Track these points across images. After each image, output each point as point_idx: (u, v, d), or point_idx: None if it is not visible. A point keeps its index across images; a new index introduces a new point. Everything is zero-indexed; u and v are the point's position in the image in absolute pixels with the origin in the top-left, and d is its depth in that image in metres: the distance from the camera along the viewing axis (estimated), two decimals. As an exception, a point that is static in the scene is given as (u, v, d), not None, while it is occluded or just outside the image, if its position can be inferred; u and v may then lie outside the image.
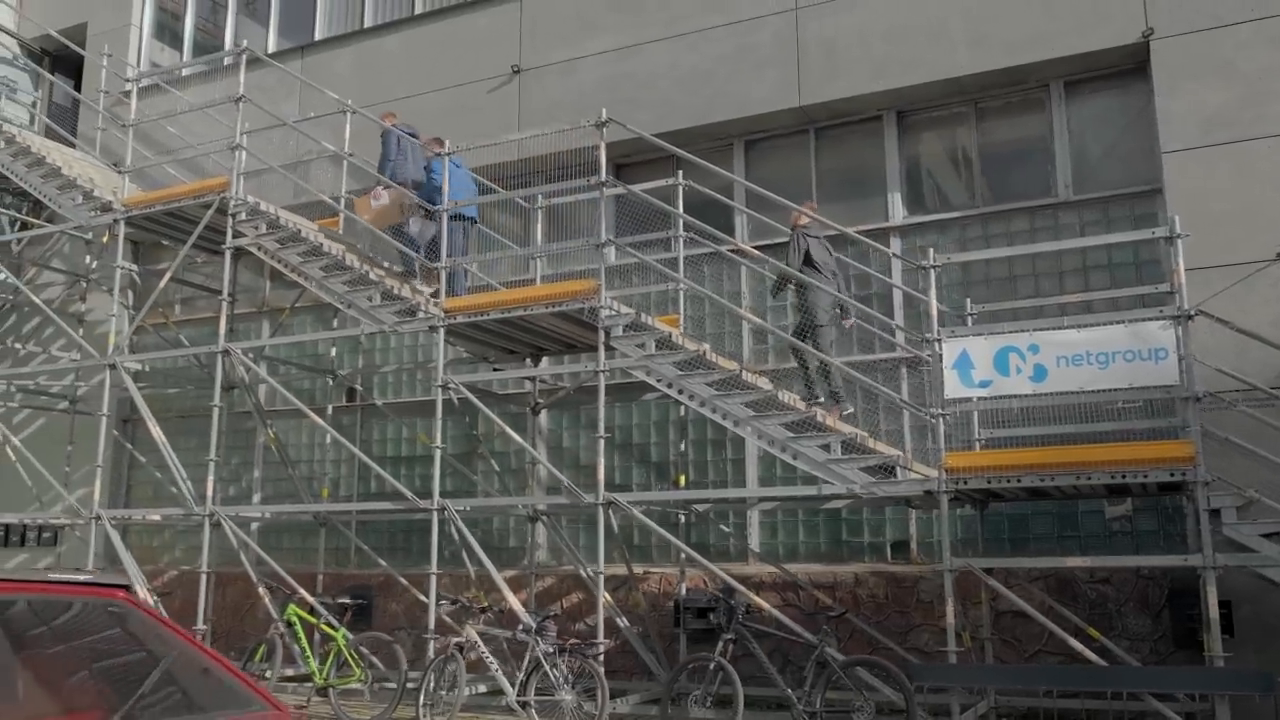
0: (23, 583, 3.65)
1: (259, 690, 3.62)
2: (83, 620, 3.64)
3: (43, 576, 3.74)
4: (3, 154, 12.90)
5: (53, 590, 3.71)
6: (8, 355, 15.12)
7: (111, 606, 3.78)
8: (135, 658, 3.60)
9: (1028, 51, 9.89)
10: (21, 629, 3.47)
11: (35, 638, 3.47)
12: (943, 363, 7.74)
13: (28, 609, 3.55)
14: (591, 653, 8.50)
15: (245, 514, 11.01)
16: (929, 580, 9.74)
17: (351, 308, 10.22)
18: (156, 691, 3.38)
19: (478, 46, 12.59)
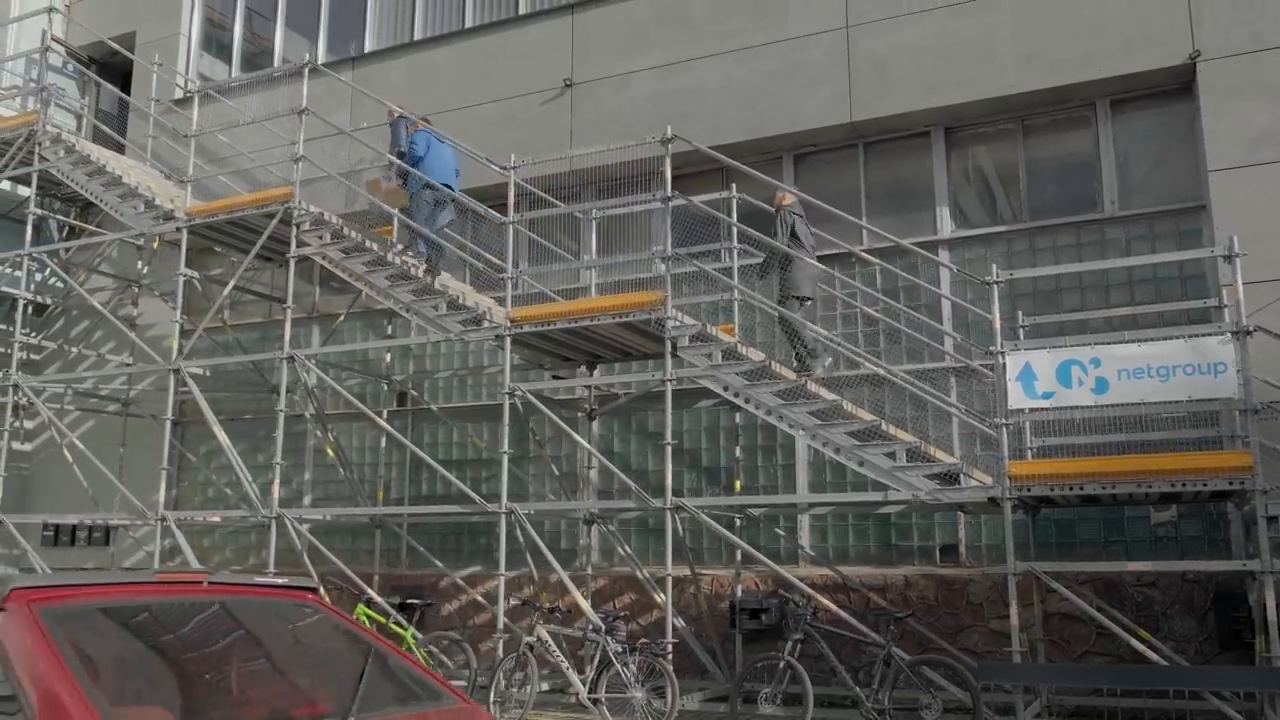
0: (230, 585, 3.97)
1: (448, 686, 3.93)
2: (285, 620, 3.94)
3: (248, 580, 4.04)
4: (62, 162, 13.18)
5: (255, 593, 4.02)
6: (57, 358, 15.40)
7: (305, 608, 4.09)
8: (335, 655, 3.90)
9: (1076, 71, 10.21)
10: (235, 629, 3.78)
11: (248, 637, 3.77)
12: (1006, 375, 8.06)
13: (238, 610, 3.86)
14: (660, 652, 8.81)
15: (309, 516, 11.29)
16: (978, 583, 10.07)
17: (417, 316, 10.53)
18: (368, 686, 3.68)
19: (529, 59, 12.89)
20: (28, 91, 15.55)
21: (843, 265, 10.88)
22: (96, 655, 3.17)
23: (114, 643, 3.32)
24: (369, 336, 13.69)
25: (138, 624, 3.47)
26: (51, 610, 3.24)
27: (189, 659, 3.49)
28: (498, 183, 12.35)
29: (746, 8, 11.77)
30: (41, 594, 3.28)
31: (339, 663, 3.83)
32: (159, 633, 3.52)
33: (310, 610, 4.09)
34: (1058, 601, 9.56)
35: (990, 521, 10.29)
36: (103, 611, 3.39)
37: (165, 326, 14.87)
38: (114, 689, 3.06)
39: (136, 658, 3.32)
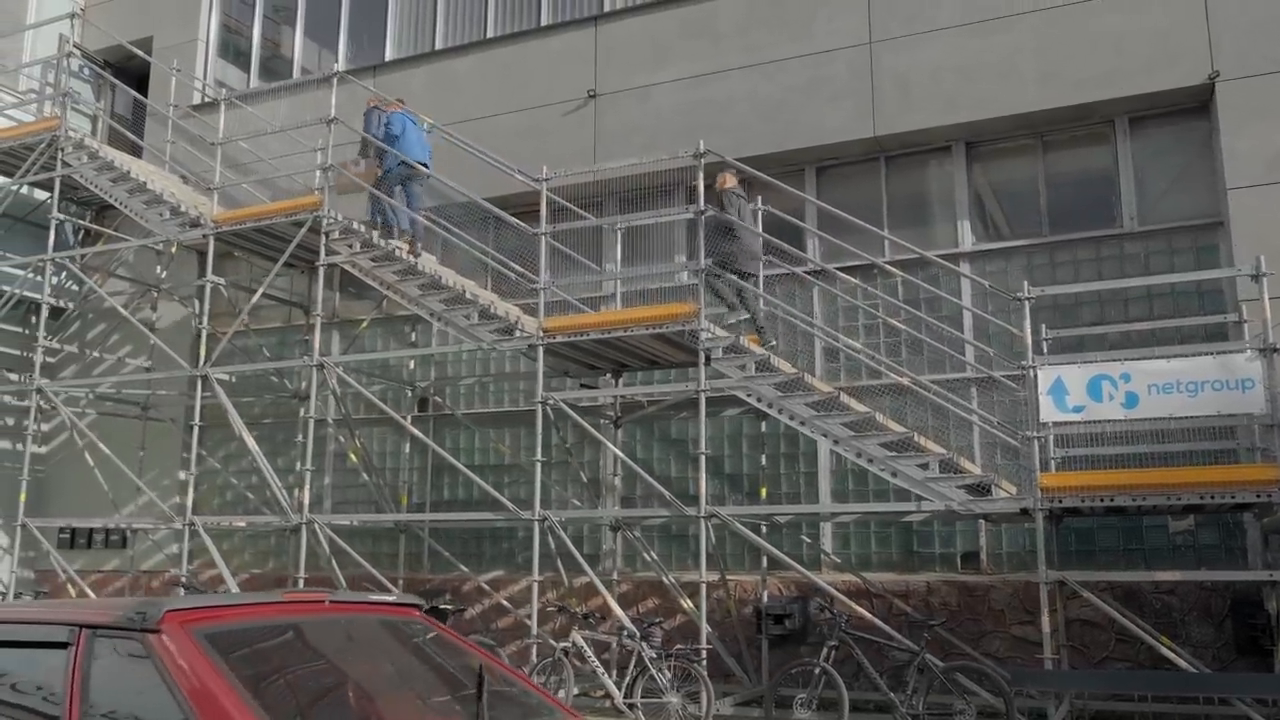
0: (348, 604, 4.12)
1: (556, 701, 4.10)
2: (401, 636, 4.10)
3: (361, 598, 4.20)
4: (85, 167, 13.25)
5: (369, 610, 4.18)
6: (71, 361, 15.45)
7: (414, 624, 4.25)
8: (451, 670, 4.06)
9: (1096, 90, 10.45)
10: (361, 646, 3.94)
11: (374, 653, 3.93)
12: (1038, 389, 8.28)
13: (361, 628, 4.02)
14: (695, 657, 9.00)
15: (337, 521, 11.42)
16: (999, 589, 10.30)
17: (450, 325, 10.67)
18: (489, 702, 3.85)
19: (552, 70, 13.05)
20: (47, 97, 15.61)
21: (864, 276, 11.07)
22: (249, 674, 3.32)
23: (261, 661, 3.48)
24: (390, 342, 13.81)
25: (278, 643, 3.62)
26: (203, 631, 3.39)
27: (328, 676, 3.64)
28: (519, 191, 12.55)
29: (770, 22, 11.96)
30: (192, 615, 3.43)
31: (457, 678, 3.99)
32: (298, 651, 3.67)
33: (419, 626, 4.25)
34: (1078, 608, 9.81)
35: (1010, 529, 10.52)
36: (247, 631, 3.54)
37: (183, 330, 14.98)
38: (271, 706, 3.21)
39: (284, 675, 3.47)
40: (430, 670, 3.98)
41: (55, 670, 3.45)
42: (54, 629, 3.50)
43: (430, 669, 4.00)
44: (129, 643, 3.36)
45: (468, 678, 4.00)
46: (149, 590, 14.39)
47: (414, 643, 4.09)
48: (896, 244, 10.78)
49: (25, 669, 3.61)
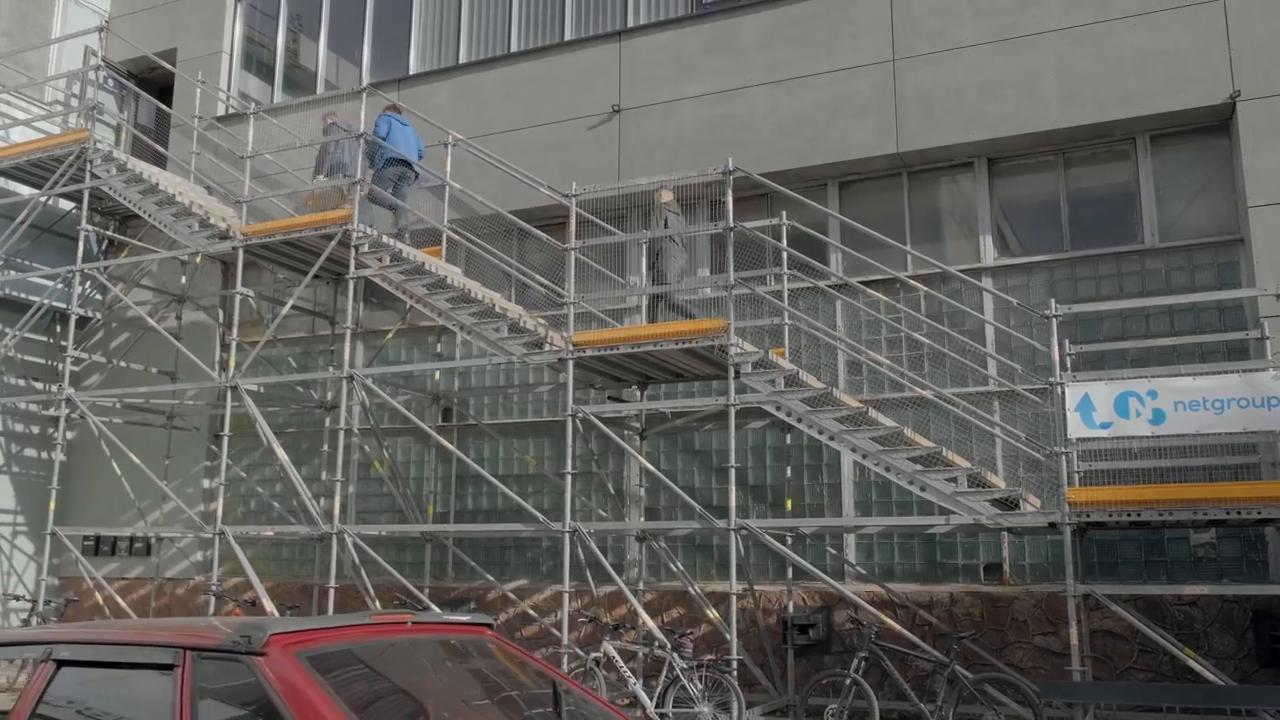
0: (428, 625, 4.27)
1: (625, 717, 4.24)
2: (481, 656, 4.25)
3: (438, 618, 4.35)
4: (114, 179, 13.39)
5: (447, 630, 4.32)
6: (94, 369, 15.58)
7: (489, 643, 4.40)
8: (530, 687, 4.21)
9: (1117, 108, 10.61)
10: (447, 665, 4.09)
11: (460, 672, 4.08)
12: (1065, 405, 8.43)
13: (445, 648, 4.17)
14: (726, 667, 9.14)
15: (366, 532, 11.55)
16: (1022, 600, 10.44)
17: (479, 339, 10.82)
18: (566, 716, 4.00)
19: (576, 85, 13.21)
20: (73, 109, 15.76)
21: (886, 291, 11.22)
22: (350, 694, 3.46)
23: (359, 682, 3.62)
24: (415, 353, 13.96)
25: (370, 663, 3.76)
26: (305, 653, 3.54)
27: (419, 694, 3.79)
28: (543, 205, 12.73)
29: (794, 39, 12.12)
30: (294, 638, 3.57)
31: (536, 696, 4.14)
32: (389, 671, 3.81)
33: (493, 645, 4.40)
34: (1100, 619, 9.96)
35: (1032, 540, 10.67)
36: (342, 653, 3.69)
37: (207, 339, 15.14)
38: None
39: (380, 695, 3.62)
40: (508, 687, 4.12)
41: (162, 692, 3.59)
42: (158, 651, 3.64)
43: (508, 686, 4.14)
44: (234, 665, 3.50)
45: (543, 694, 4.16)
46: (173, 597, 14.53)
47: (490, 660, 4.24)
48: (919, 258, 10.93)
49: (131, 691, 3.75)
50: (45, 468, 15.48)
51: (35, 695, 3.81)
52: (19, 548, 15.19)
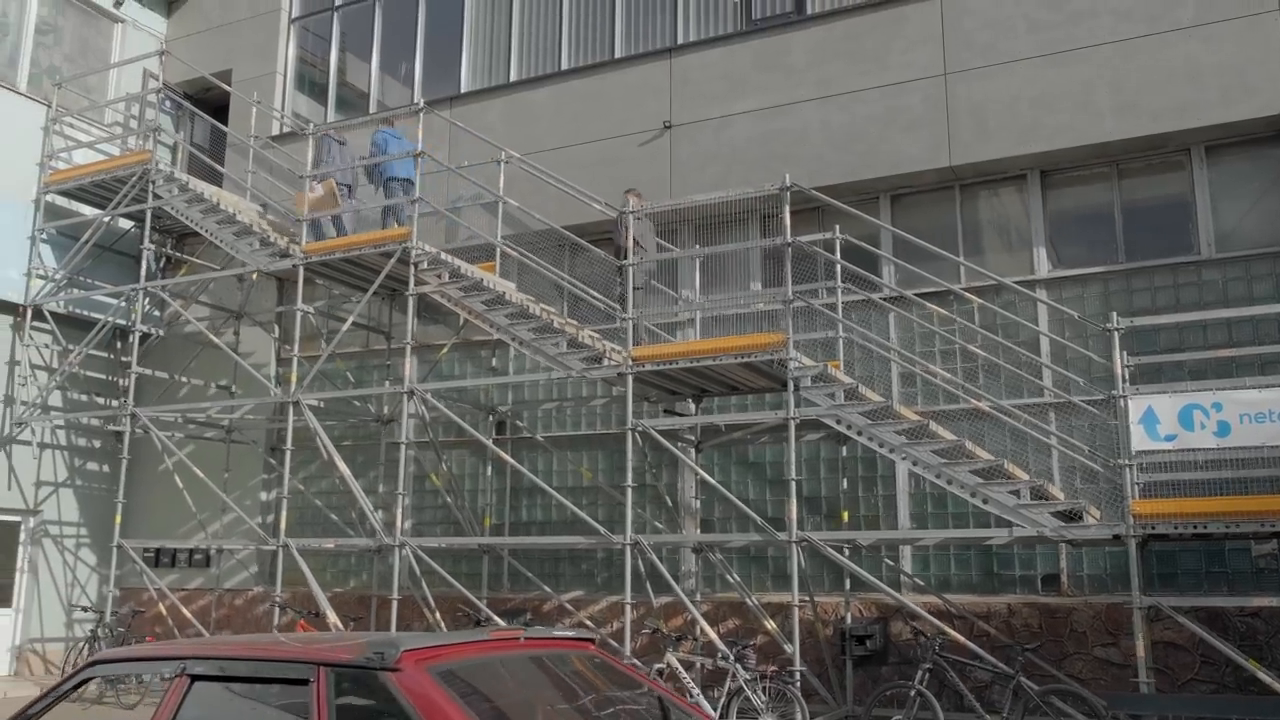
0: (539, 640, 4.42)
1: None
2: (592, 669, 4.39)
3: (547, 633, 4.49)
4: (176, 199, 13.71)
5: (557, 645, 4.47)
6: (152, 384, 15.89)
7: (595, 658, 4.54)
8: (638, 700, 4.35)
9: (1173, 120, 10.64)
10: (565, 679, 4.24)
11: (577, 685, 4.22)
12: (1129, 418, 8.48)
13: (560, 662, 4.32)
14: (790, 679, 9.24)
15: (427, 544, 11.75)
16: (1081, 611, 10.46)
17: (539, 354, 11.00)
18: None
19: (627, 101, 13.38)
20: (132, 131, 16.13)
21: (940, 302, 11.29)
22: (480, 709, 3.61)
23: (485, 696, 3.77)
24: (468, 366, 14.17)
25: (492, 677, 3.92)
26: (435, 668, 3.69)
27: (538, 707, 3.94)
28: (595, 220, 12.90)
29: (844, 55, 12.23)
30: (425, 654, 3.73)
31: (645, 709, 4.28)
32: (509, 685, 3.96)
33: (599, 660, 4.54)
34: (1160, 631, 9.97)
35: (1091, 552, 10.69)
36: (468, 667, 3.84)
37: (263, 355, 15.43)
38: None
39: (505, 708, 3.77)
40: (618, 700, 4.26)
41: (296, 706, 3.76)
42: (294, 666, 3.81)
43: (617, 699, 4.28)
44: (369, 680, 3.66)
45: (652, 707, 4.30)
46: (233, 608, 14.80)
47: (597, 674, 4.38)
48: (972, 270, 11.00)
49: (265, 705, 3.92)
50: (105, 481, 15.83)
51: (171, 710, 3.98)
52: (82, 559, 15.53)
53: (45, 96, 15.39)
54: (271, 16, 16.32)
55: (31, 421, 14.69)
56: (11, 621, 14.77)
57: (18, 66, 15.33)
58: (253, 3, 16.52)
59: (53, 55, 15.87)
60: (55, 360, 15.23)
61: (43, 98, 15.37)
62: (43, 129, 15.26)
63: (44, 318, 14.87)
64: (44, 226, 15.02)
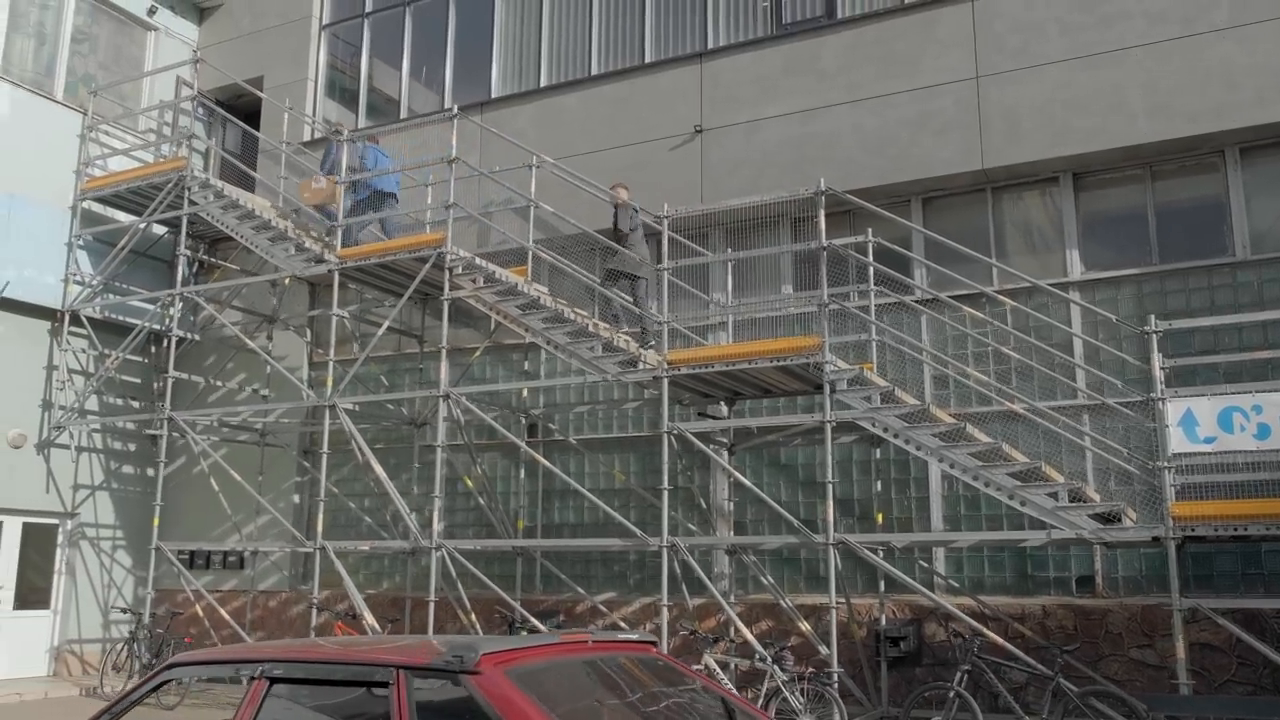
0: (604, 643, 4.50)
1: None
2: (656, 672, 4.47)
3: (612, 636, 4.58)
4: (211, 206, 13.87)
5: (621, 648, 4.55)
6: (186, 388, 16.06)
7: (658, 660, 4.62)
8: (701, 702, 4.43)
9: (1207, 122, 10.65)
10: (633, 681, 4.32)
11: (644, 687, 4.31)
12: (1168, 420, 8.51)
13: (627, 664, 4.40)
14: (828, 680, 9.30)
15: (464, 546, 11.85)
16: (1116, 613, 10.48)
17: (574, 358, 11.09)
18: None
19: (658, 106, 13.46)
20: (166, 138, 16.30)
21: (972, 305, 11.31)
22: (559, 711, 3.70)
23: (560, 698, 3.85)
24: (500, 370, 14.28)
25: (564, 679, 4.00)
26: (513, 671, 3.78)
27: (610, 709, 4.02)
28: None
29: (875, 59, 12.28)
30: (503, 656, 3.81)
31: (711, 710, 4.36)
32: (581, 687, 4.05)
33: (662, 662, 4.62)
34: (1196, 632, 9.98)
35: (1126, 553, 10.70)
36: (542, 670, 3.93)
37: (295, 358, 15.59)
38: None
39: (579, 710, 3.86)
40: (681, 702, 4.35)
41: (376, 708, 3.86)
42: (373, 670, 3.90)
43: (680, 700, 4.36)
44: (448, 683, 3.75)
45: (715, 709, 4.38)
46: (267, 609, 14.95)
47: (660, 676, 4.47)
48: (1005, 272, 11.04)
49: (343, 707, 4.02)
50: (140, 484, 16.02)
51: (251, 712, 4.08)
52: (118, 562, 15.72)
53: (81, 104, 15.59)
54: (302, 23, 16.49)
55: (69, 425, 14.89)
56: (49, 623, 14.97)
57: (54, 75, 15.53)
58: (284, 10, 16.68)
59: (88, 63, 16.07)
60: (91, 365, 15.42)
61: (79, 105, 15.57)
62: (79, 136, 15.46)
63: (80, 323, 15.06)
64: (80, 233, 15.21)
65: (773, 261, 12.66)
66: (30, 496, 14.66)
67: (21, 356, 14.67)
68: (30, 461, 14.68)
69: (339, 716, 4.11)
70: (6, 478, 14.32)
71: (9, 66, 14.92)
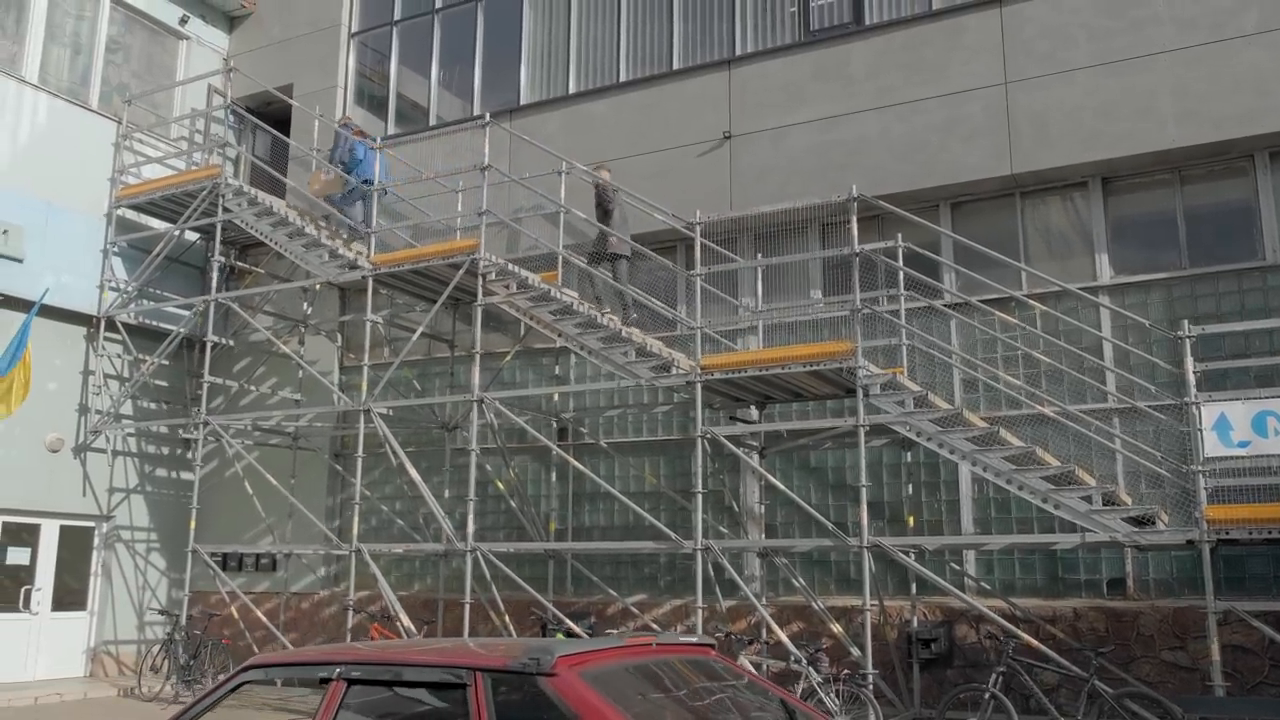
0: (669, 645, 4.63)
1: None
2: (717, 673, 4.60)
3: (674, 639, 4.71)
4: (245, 213, 14.06)
5: (683, 650, 4.68)
6: (219, 393, 16.28)
7: (716, 663, 4.75)
8: (761, 703, 4.55)
9: (1237, 127, 10.71)
10: (697, 683, 4.45)
11: (707, 689, 4.44)
12: (1202, 424, 8.59)
13: (690, 666, 4.53)
14: (863, 681, 9.41)
15: (498, 549, 12.00)
16: (1148, 615, 10.55)
17: (608, 363, 11.22)
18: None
19: (686, 113, 13.59)
20: (198, 146, 16.52)
21: (1001, 309, 11.39)
22: (633, 712, 3.83)
23: (632, 699, 3.98)
24: (529, 373, 14.43)
25: (634, 681, 4.13)
26: (587, 672, 3.91)
27: (679, 709, 4.15)
28: (654, 230, 13.12)
29: (904, 65, 12.38)
30: (577, 659, 3.94)
31: (772, 711, 4.48)
32: (650, 688, 4.18)
33: (721, 664, 4.75)
34: (1229, 634, 10.04)
35: (1157, 556, 10.77)
36: (614, 672, 4.06)
37: (328, 363, 15.78)
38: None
39: (650, 711, 3.98)
40: (743, 702, 4.48)
41: (453, 709, 3.99)
42: (451, 671, 4.04)
43: (742, 701, 4.49)
44: (524, 685, 3.88)
45: (775, 710, 4.51)
46: (299, 610, 15.13)
47: (723, 676, 4.59)
48: (1035, 277, 11.12)
49: (420, 708, 4.16)
50: (174, 487, 16.23)
51: (330, 712, 4.22)
52: (152, 564, 15.93)
53: (115, 113, 15.81)
54: (331, 31, 16.68)
55: (105, 430, 15.10)
56: (86, 624, 15.19)
57: (90, 84, 15.76)
58: (313, 18, 16.88)
59: (121, 73, 16.29)
60: (125, 370, 15.64)
61: (113, 114, 15.79)
62: (113, 145, 15.68)
63: (115, 328, 15.28)
64: (115, 239, 15.43)
65: (800, 266, 12.76)
66: (67, 500, 14.88)
67: (59, 362, 14.90)
68: (67, 465, 14.91)
69: (413, 717, 4.25)
70: (45, 482, 14.55)
71: (46, 77, 15.15)
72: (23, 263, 14.23)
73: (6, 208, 14.14)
